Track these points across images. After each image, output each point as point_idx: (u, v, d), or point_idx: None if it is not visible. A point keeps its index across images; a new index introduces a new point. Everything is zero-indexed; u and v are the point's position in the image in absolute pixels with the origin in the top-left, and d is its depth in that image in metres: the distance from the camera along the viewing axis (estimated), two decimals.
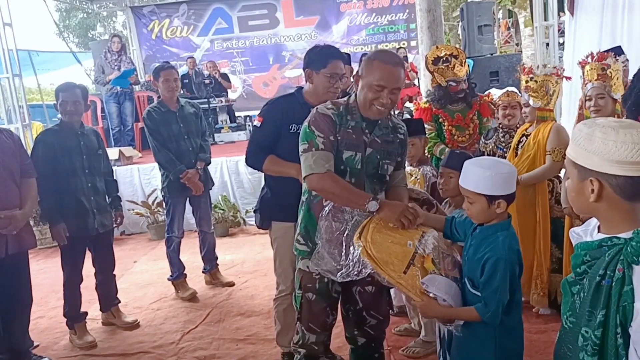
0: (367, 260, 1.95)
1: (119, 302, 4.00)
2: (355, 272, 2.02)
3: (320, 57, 2.66)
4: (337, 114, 2.23)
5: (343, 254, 2.06)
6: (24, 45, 11.34)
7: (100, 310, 3.96)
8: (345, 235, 2.09)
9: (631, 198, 1.26)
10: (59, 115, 3.71)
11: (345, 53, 4.22)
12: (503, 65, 8.48)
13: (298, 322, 2.43)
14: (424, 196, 2.54)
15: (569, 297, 1.40)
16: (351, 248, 2.03)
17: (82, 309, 3.76)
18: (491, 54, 8.93)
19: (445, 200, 2.77)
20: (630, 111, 2.31)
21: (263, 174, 2.94)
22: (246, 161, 2.87)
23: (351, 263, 2.02)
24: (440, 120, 3.98)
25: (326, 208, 2.15)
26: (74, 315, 3.70)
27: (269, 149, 2.74)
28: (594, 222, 1.40)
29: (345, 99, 2.31)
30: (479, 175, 1.90)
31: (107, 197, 3.83)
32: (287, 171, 2.67)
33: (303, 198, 2.36)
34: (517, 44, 16.16)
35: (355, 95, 2.26)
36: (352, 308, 2.44)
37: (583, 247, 1.35)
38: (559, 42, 8.13)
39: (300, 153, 2.21)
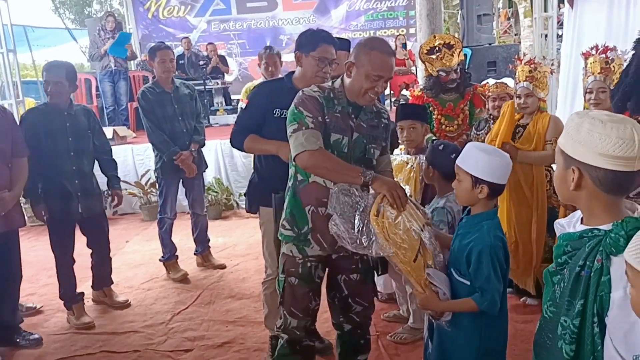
0: (385, 243, 1.93)
1: (112, 283, 4.01)
2: (370, 250, 2.00)
3: (311, 40, 2.63)
4: (323, 97, 2.24)
5: (356, 229, 2.02)
6: (20, 21, 11.23)
7: (92, 287, 3.96)
8: (360, 210, 2.04)
9: (610, 191, 1.29)
10: None
11: (345, 39, 4.24)
12: (501, 55, 8.47)
13: (281, 306, 2.44)
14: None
15: (550, 287, 1.43)
16: (370, 226, 1.98)
17: (78, 289, 3.76)
18: (489, 44, 8.92)
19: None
20: (617, 107, 2.32)
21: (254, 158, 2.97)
22: (230, 142, 2.90)
23: (363, 238, 1.99)
24: (431, 109, 3.96)
25: (335, 187, 2.12)
26: (70, 297, 3.69)
27: (252, 131, 2.75)
28: (577, 214, 1.42)
29: (330, 83, 2.32)
30: (473, 156, 1.93)
31: (105, 176, 3.78)
32: (267, 148, 2.70)
33: (289, 183, 2.37)
34: (516, 34, 16.11)
35: (342, 80, 2.28)
36: (337, 295, 2.46)
37: (565, 238, 1.38)
38: (557, 34, 8.12)
39: (289, 134, 2.21)
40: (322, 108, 2.21)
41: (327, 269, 2.43)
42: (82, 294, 3.77)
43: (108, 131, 7.01)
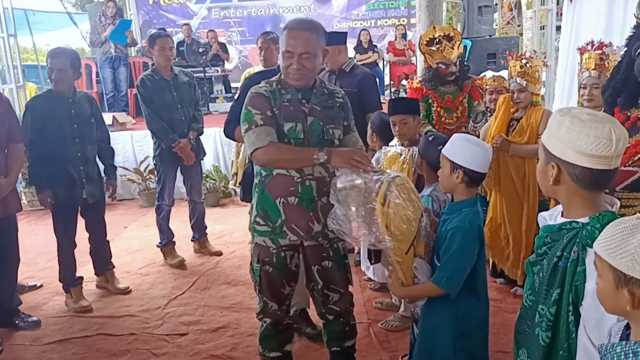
0: (384, 235, 1.94)
1: (113, 267, 4.06)
2: (370, 242, 2.02)
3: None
4: (269, 91, 2.31)
5: (357, 219, 2.03)
6: (20, 4, 11.19)
7: (95, 274, 4.02)
8: (362, 200, 2.05)
9: (588, 188, 1.34)
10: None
11: (342, 32, 4.25)
12: (501, 47, 8.45)
13: (258, 294, 2.52)
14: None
15: (531, 277, 1.48)
16: (373, 217, 1.98)
17: (77, 272, 3.82)
18: (490, 36, 8.90)
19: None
20: (607, 103, 2.35)
21: None
22: (224, 131, 3.06)
23: (362, 232, 2.00)
24: (430, 101, 3.98)
25: (336, 177, 2.15)
26: (69, 280, 3.75)
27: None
28: (559, 207, 1.47)
29: (277, 75, 2.39)
30: (454, 143, 2.03)
31: (102, 164, 3.83)
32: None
33: (255, 181, 2.42)
34: (519, 25, 16.07)
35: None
36: (315, 287, 2.54)
37: (546, 229, 1.43)
38: (556, 27, 8.13)
39: (242, 135, 2.29)
40: (269, 102, 2.28)
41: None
42: (81, 278, 3.83)
43: (108, 117, 7.04)
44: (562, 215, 1.43)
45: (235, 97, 3.12)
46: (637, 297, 1.07)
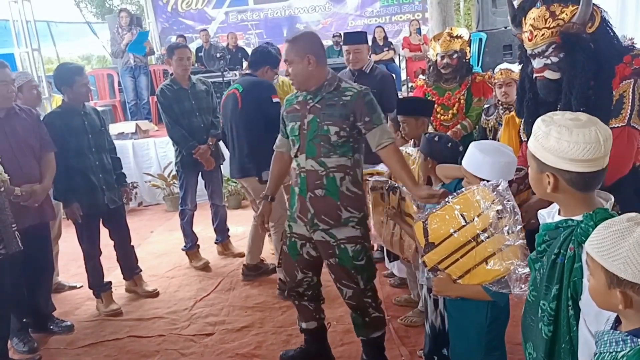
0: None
1: (140, 270, 4.20)
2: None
3: None
4: (289, 99, 2.70)
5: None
6: (43, 16, 11.49)
7: (124, 278, 4.15)
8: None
9: (583, 189, 1.40)
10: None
11: (361, 32, 4.32)
12: (517, 38, 8.40)
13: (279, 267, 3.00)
14: (387, 184, 2.67)
15: (533, 273, 1.55)
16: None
17: (106, 278, 3.96)
18: (505, 27, 8.83)
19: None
20: (527, 124, 2.36)
21: None
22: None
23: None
24: (430, 97, 3.98)
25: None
26: (98, 286, 3.89)
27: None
28: (557, 205, 1.53)
29: None
30: (480, 160, 2.02)
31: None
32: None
33: None
34: None
35: None
36: (334, 283, 2.71)
37: (544, 227, 1.49)
38: None
39: None
40: (284, 110, 2.70)
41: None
42: (110, 283, 3.98)
43: (131, 125, 7.24)
44: (559, 214, 1.49)
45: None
46: (629, 297, 1.12)
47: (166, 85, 4.35)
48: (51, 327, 3.62)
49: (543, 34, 2.09)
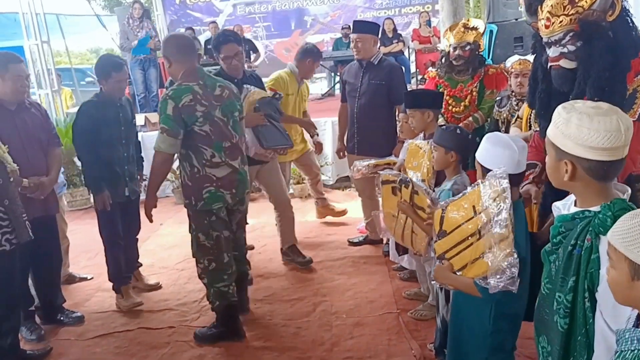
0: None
1: (140, 265, 4.16)
2: None
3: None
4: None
5: None
6: (52, 9, 11.52)
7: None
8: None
9: (601, 179, 1.38)
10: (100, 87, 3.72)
11: (374, 23, 4.35)
12: (528, 30, 8.19)
13: None
14: (399, 178, 2.66)
15: (547, 265, 1.53)
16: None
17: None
18: (516, 19, 8.75)
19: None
20: (541, 116, 2.30)
21: None
22: None
23: None
24: (442, 89, 3.96)
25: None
26: (119, 278, 3.81)
27: None
28: (572, 197, 1.51)
29: None
30: (489, 152, 2.01)
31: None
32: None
33: None
34: None
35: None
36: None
37: (560, 219, 1.48)
38: None
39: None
40: None
41: None
42: (130, 276, 3.94)
43: (140, 118, 7.21)
44: (575, 205, 1.47)
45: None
46: None
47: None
48: (61, 318, 3.64)
49: (561, 21, 2.05)
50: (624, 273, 1.13)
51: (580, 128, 1.35)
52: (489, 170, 1.96)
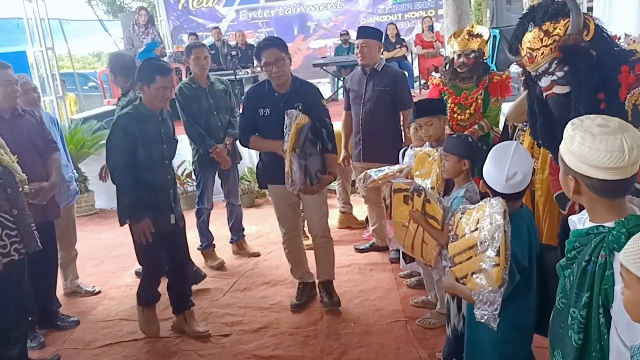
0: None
1: (193, 305, 3.55)
2: None
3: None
4: None
5: None
6: (56, 14, 11.56)
7: (173, 312, 3.53)
8: None
9: (606, 197, 1.39)
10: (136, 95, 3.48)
11: (377, 29, 4.35)
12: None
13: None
14: (412, 186, 2.66)
15: (562, 280, 1.53)
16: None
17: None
18: None
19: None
20: (548, 147, 2.35)
21: None
22: (239, 142, 3.74)
23: None
24: (446, 97, 3.94)
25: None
26: (145, 298, 3.48)
27: (251, 130, 3.53)
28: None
29: None
30: (490, 172, 2.10)
31: None
32: (265, 146, 3.52)
33: None
34: None
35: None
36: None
37: (574, 234, 1.48)
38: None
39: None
40: None
41: None
42: (158, 297, 3.53)
43: None
44: (590, 220, 1.47)
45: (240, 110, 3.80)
46: None
47: (185, 84, 4.37)
48: (58, 323, 3.69)
49: (542, 53, 2.09)
50: (636, 293, 1.13)
51: (582, 147, 1.36)
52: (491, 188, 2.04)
